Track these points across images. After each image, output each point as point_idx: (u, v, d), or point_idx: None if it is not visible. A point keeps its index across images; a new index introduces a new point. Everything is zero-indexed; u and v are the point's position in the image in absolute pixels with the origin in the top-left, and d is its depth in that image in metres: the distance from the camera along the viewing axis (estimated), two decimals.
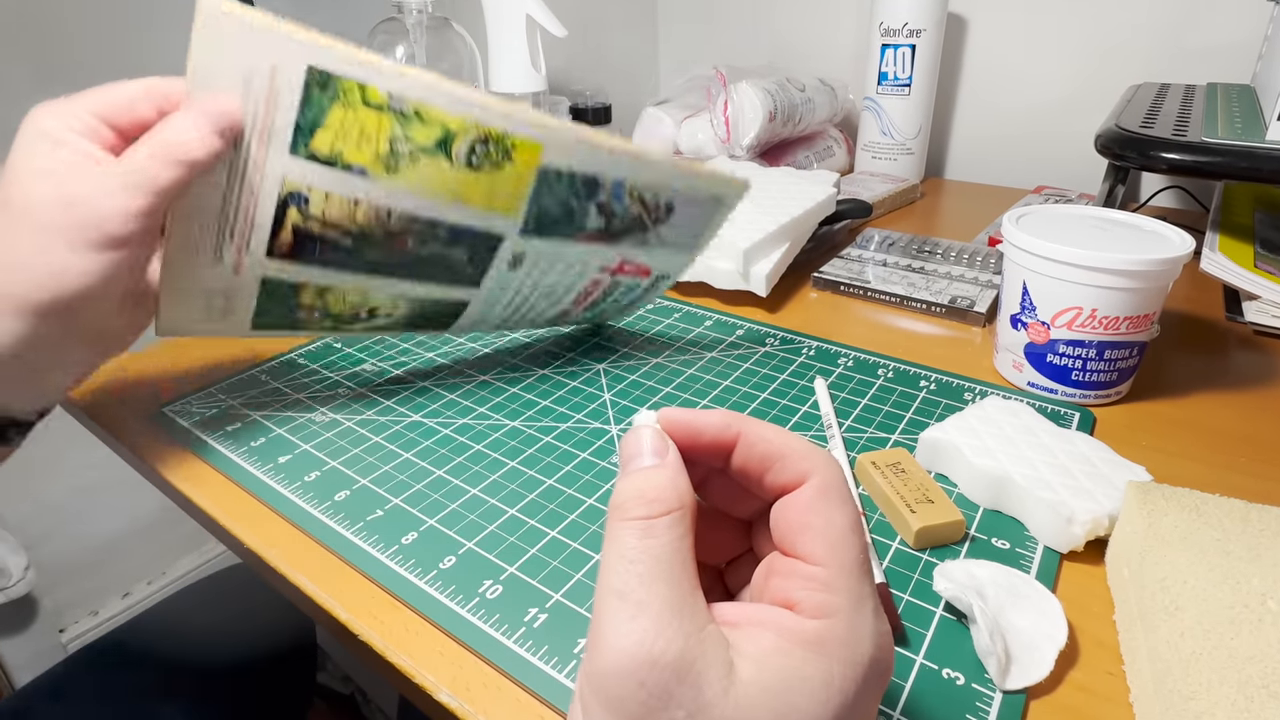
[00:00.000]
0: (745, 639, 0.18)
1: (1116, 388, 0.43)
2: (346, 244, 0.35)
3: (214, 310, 0.37)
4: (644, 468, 0.21)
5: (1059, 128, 0.83)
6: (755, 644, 0.18)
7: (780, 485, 0.21)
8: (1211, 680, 0.23)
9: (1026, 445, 0.36)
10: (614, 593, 0.18)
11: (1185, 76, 0.74)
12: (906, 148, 0.85)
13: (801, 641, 0.18)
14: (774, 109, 0.77)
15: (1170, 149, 0.50)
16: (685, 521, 0.19)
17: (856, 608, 0.19)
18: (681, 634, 0.17)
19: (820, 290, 0.59)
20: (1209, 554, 0.27)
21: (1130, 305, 0.39)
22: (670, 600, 0.18)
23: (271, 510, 0.36)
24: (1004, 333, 0.45)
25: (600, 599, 0.19)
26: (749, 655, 0.18)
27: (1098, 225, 0.43)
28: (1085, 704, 0.26)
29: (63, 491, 0.83)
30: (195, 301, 0.36)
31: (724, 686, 0.17)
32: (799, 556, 0.20)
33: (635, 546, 0.19)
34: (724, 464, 0.22)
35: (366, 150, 0.33)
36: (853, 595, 0.19)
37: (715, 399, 0.44)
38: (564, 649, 0.28)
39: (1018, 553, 0.32)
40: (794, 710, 0.17)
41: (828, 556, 0.19)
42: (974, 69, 0.88)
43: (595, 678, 0.18)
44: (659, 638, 0.17)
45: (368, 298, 0.38)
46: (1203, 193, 0.77)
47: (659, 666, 0.17)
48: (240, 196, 0.33)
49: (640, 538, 0.19)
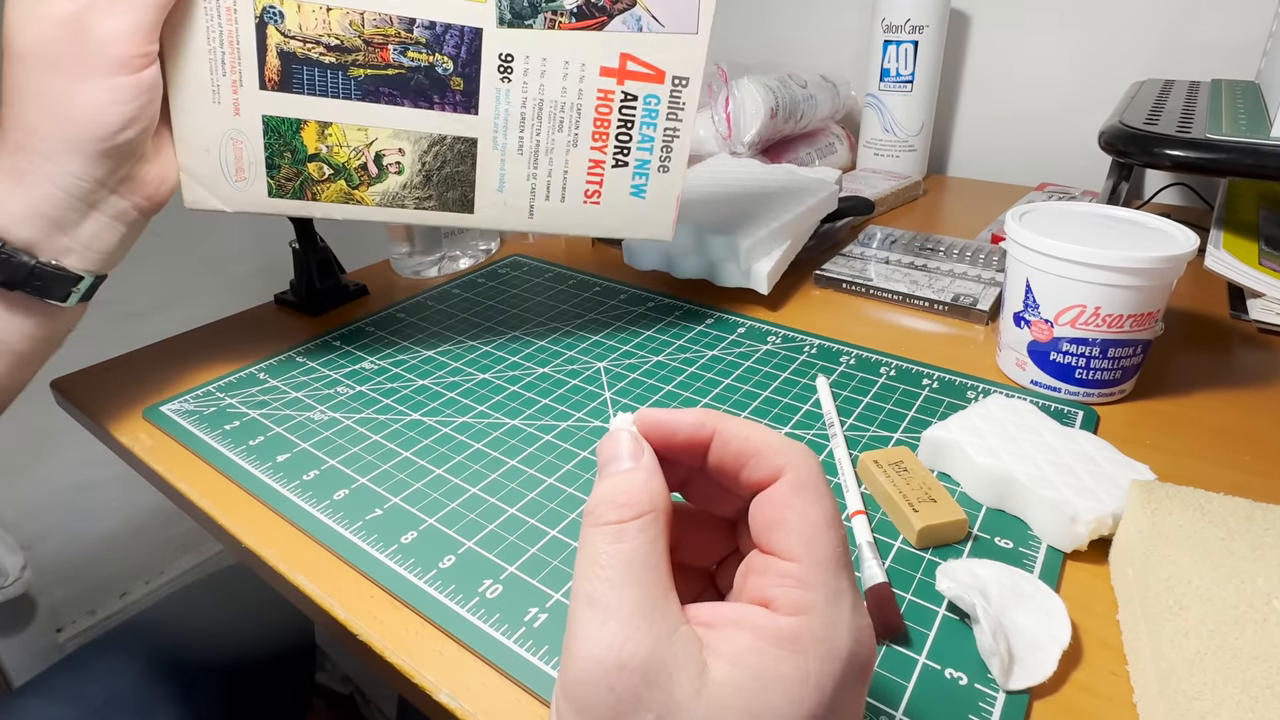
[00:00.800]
0: (720, 639, 0.18)
1: (1120, 386, 0.42)
2: (331, 61, 0.36)
3: (228, 167, 0.38)
4: (617, 472, 0.20)
5: (1062, 124, 0.83)
6: (730, 644, 0.18)
7: (756, 481, 0.21)
8: (1216, 680, 0.23)
9: (1030, 444, 0.36)
10: (584, 599, 0.18)
11: (1189, 73, 0.74)
12: (909, 144, 0.85)
13: (776, 639, 0.18)
14: (775, 105, 0.77)
15: (1174, 146, 0.49)
16: (658, 524, 0.19)
17: (833, 603, 0.18)
18: (651, 636, 0.17)
19: (822, 288, 0.59)
20: (1213, 553, 0.27)
21: (1134, 303, 0.39)
22: (640, 603, 0.18)
23: (270, 509, 0.36)
24: (1007, 331, 0.45)
25: (572, 606, 0.19)
26: (723, 655, 0.18)
27: (1101, 222, 0.43)
28: (1089, 704, 0.26)
29: (60, 490, 0.83)
30: (211, 158, 0.38)
31: (695, 688, 0.17)
32: (774, 553, 0.19)
33: (606, 552, 0.19)
34: (702, 463, 0.22)
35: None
36: (828, 590, 0.19)
37: (716, 397, 0.44)
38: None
39: (1021, 552, 0.32)
40: (769, 709, 0.17)
41: (803, 552, 0.19)
42: (977, 65, 0.88)
43: (568, 686, 0.18)
44: (627, 641, 0.17)
45: (368, 134, 0.39)
46: (1207, 190, 0.76)
47: (627, 670, 0.17)
48: (221, 22, 0.34)
49: (610, 542, 0.19)
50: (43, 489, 0.77)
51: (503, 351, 0.50)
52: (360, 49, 0.36)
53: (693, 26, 0.41)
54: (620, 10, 0.39)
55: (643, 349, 0.50)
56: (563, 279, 0.61)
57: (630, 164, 0.43)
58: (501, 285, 0.60)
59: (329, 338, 0.52)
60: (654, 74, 0.41)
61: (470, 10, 0.37)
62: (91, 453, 0.53)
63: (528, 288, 0.59)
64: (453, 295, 0.58)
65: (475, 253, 0.65)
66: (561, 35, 0.39)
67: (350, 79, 0.37)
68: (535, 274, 0.62)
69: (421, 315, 0.55)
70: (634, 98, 0.42)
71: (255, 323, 0.55)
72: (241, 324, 0.55)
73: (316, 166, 0.39)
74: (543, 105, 0.40)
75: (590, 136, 0.42)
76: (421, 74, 0.38)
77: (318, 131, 0.38)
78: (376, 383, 0.46)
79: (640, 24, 0.40)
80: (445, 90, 0.38)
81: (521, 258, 0.65)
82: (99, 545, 0.89)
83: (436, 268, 0.62)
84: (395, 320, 0.54)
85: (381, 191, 0.40)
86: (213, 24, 0.35)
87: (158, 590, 0.95)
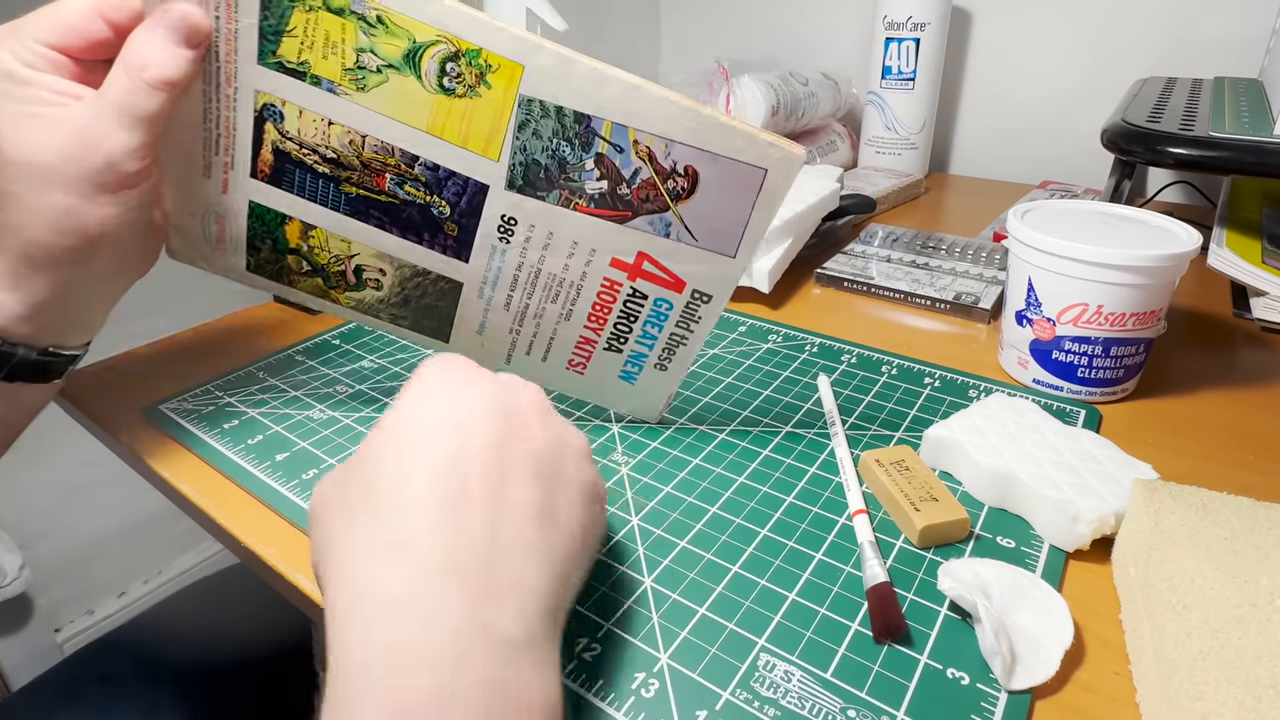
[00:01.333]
0: None
1: (1123, 385, 0.42)
2: (324, 171, 0.35)
3: (209, 234, 0.37)
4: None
5: (1065, 122, 0.83)
6: None
7: None
8: (1219, 680, 0.23)
9: (1032, 443, 0.35)
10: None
11: (1192, 70, 0.74)
12: (911, 142, 0.84)
13: None
14: (776, 103, 0.77)
15: (1177, 144, 0.49)
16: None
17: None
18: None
19: (823, 286, 0.59)
20: (1216, 552, 0.27)
21: (1137, 301, 0.39)
22: None
23: (269, 508, 0.36)
24: (1009, 329, 0.44)
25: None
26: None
27: (1104, 221, 0.43)
28: (1091, 704, 0.26)
29: (58, 490, 0.83)
30: (195, 222, 0.36)
31: None
32: None
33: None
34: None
35: (334, 63, 0.32)
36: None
37: (717, 396, 0.44)
38: (564, 649, 0.28)
39: (1023, 551, 0.32)
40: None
41: None
42: (979, 63, 0.87)
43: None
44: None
45: (351, 247, 0.37)
46: (1210, 188, 0.76)
47: None
48: (219, 107, 0.33)
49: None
50: (41, 488, 0.77)
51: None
52: (356, 169, 0.34)
53: (731, 250, 0.35)
54: (648, 211, 0.34)
55: None
56: None
57: (624, 352, 0.38)
58: None
59: (328, 336, 0.52)
60: (672, 281, 0.36)
61: (480, 165, 0.34)
62: (89, 451, 0.53)
63: None
64: None
65: None
66: (576, 216, 0.35)
67: (341, 192, 0.35)
68: None
69: None
70: (643, 296, 0.37)
71: (254, 321, 0.55)
72: (240, 322, 0.55)
73: (296, 260, 0.38)
74: (539, 274, 0.36)
75: (586, 316, 0.37)
76: (415, 209, 0.35)
77: (301, 230, 0.36)
78: (376, 381, 0.46)
79: (669, 230, 0.35)
80: (438, 231, 0.36)
81: None
82: (97, 545, 0.89)
83: None
84: None
85: (358, 299, 0.38)
86: (211, 106, 0.33)
87: (156, 590, 0.95)
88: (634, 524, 0.34)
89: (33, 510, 0.81)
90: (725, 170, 0.33)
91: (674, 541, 0.33)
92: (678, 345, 0.38)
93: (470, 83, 0.32)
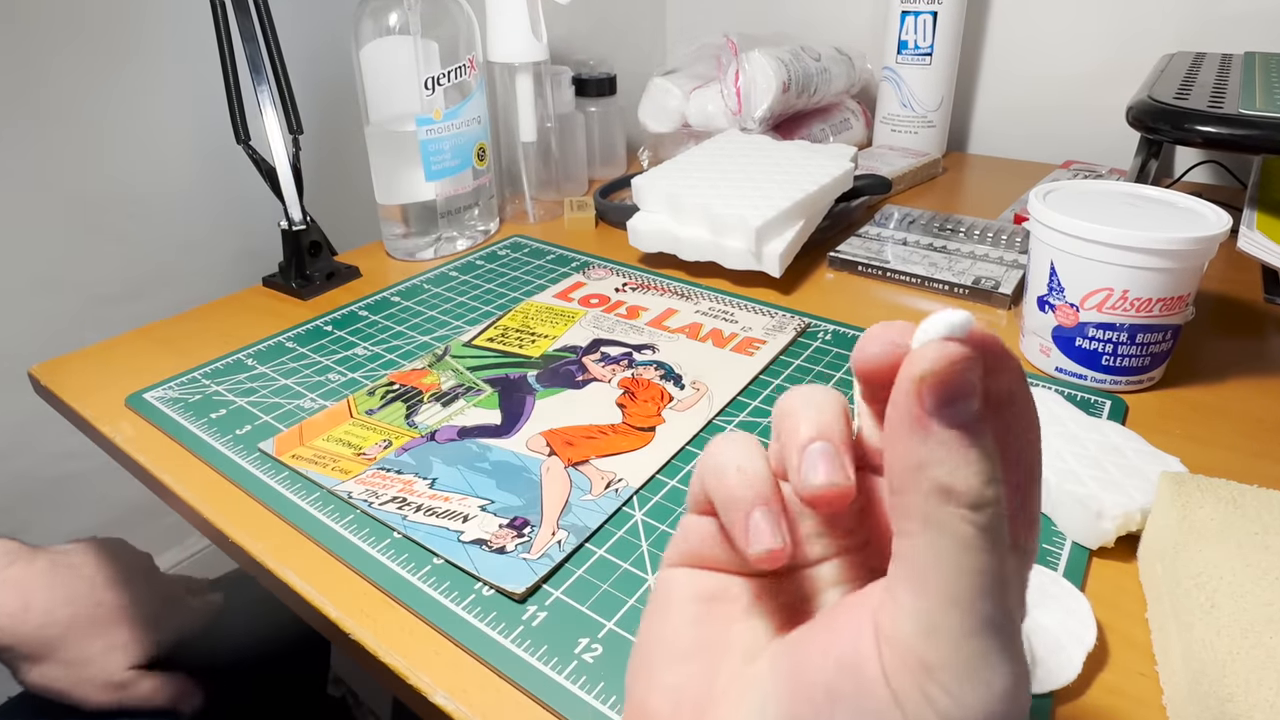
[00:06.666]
0: None
1: (1149, 373, 0.42)
2: None
3: None
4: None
5: (1088, 99, 0.82)
6: None
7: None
8: (1250, 682, 0.22)
9: (1054, 435, 0.35)
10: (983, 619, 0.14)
11: (1222, 45, 0.72)
12: (928, 120, 0.83)
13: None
14: (788, 79, 0.75)
15: (1206, 121, 0.49)
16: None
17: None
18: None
19: (837, 271, 0.58)
20: (1247, 548, 0.27)
21: (1164, 286, 0.38)
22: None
23: (257, 501, 0.35)
24: (1030, 315, 0.44)
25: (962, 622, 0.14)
26: None
27: (1129, 202, 0.42)
28: (1115, 707, 0.26)
29: (39, 484, 0.82)
30: None
31: None
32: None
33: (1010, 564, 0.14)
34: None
35: None
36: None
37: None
38: (564, 649, 0.28)
39: (1044, 549, 0.32)
40: None
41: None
42: (999, 37, 0.86)
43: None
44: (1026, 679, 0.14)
45: None
46: (1240, 168, 0.75)
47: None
48: None
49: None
50: (21, 482, 0.76)
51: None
52: None
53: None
54: None
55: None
56: (565, 261, 0.59)
57: None
58: (501, 267, 0.59)
59: (320, 322, 0.51)
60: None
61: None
62: (71, 444, 0.53)
63: (529, 270, 0.58)
64: (450, 278, 0.57)
65: (473, 233, 0.63)
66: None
67: None
68: (537, 255, 0.61)
69: (417, 299, 0.54)
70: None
71: (242, 307, 0.54)
72: (228, 308, 0.54)
73: None
74: None
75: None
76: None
77: None
78: (369, 369, 0.45)
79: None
80: None
81: (522, 239, 0.64)
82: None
83: (433, 249, 0.61)
84: (389, 304, 0.53)
85: None
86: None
87: None
88: (638, 519, 0.34)
89: (13, 505, 0.81)
90: None
91: None
92: None
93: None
